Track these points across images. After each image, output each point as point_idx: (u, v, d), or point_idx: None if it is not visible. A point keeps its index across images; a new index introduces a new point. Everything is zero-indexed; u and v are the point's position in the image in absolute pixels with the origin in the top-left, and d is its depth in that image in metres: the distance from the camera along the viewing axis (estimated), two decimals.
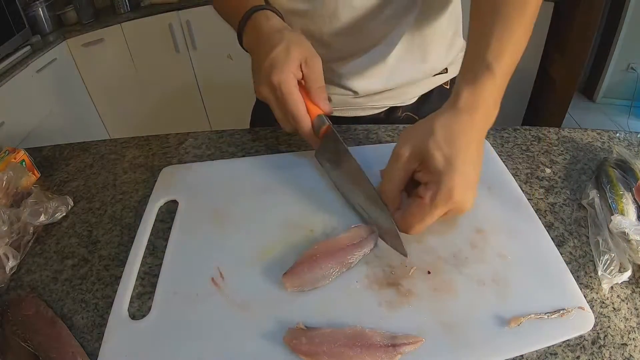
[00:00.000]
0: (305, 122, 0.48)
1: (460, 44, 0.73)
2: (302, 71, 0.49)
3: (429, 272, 0.42)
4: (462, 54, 0.69)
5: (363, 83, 0.67)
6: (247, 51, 0.54)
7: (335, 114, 0.71)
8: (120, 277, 0.45)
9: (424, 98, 0.72)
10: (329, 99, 0.51)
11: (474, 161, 0.39)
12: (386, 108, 0.73)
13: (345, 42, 0.64)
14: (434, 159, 0.38)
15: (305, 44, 0.49)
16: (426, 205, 0.38)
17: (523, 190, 0.52)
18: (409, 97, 0.72)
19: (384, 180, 0.43)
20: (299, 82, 0.49)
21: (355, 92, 0.68)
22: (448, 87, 0.74)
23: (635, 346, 0.37)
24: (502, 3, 0.42)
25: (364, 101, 0.71)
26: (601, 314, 0.40)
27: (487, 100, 0.40)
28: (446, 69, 0.71)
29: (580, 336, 0.38)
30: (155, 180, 0.57)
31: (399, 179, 0.41)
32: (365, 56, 0.65)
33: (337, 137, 0.49)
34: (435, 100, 0.73)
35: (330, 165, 0.51)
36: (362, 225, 0.46)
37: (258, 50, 0.50)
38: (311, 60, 0.49)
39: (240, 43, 0.55)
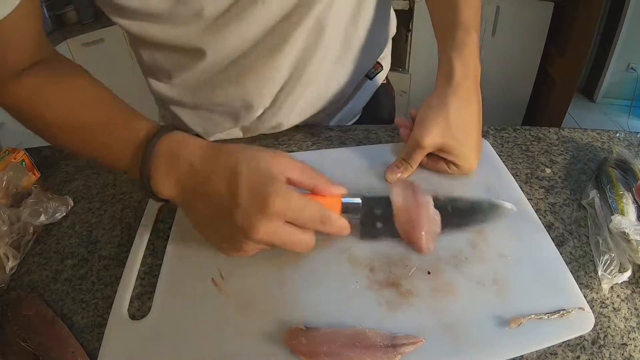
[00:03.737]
0: (341, 220, 0.38)
1: (388, 36, 0.69)
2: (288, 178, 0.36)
3: (428, 272, 0.42)
4: (388, 48, 0.70)
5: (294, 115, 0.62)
6: (164, 201, 0.39)
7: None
8: (120, 277, 0.45)
9: (371, 102, 0.70)
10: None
11: (478, 127, 0.48)
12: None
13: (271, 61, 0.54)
14: (454, 148, 0.47)
15: (259, 149, 0.36)
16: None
17: (523, 190, 0.52)
18: (355, 111, 0.70)
19: (408, 164, 0.51)
20: None
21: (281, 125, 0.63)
22: (386, 81, 0.73)
23: (635, 346, 0.37)
24: None
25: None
26: (601, 314, 0.40)
27: (474, 59, 0.46)
28: (381, 65, 0.68)
29: (580, 336, 0.38)
30: None
31: (417, 163, 0.51)
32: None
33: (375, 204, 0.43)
34: (382, 97, 0.71)
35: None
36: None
37: (204, 190, 0.34)
38: (282, 157, 0.37)
39: (151, 192, 0.38)
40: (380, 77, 0.70)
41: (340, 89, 0.62)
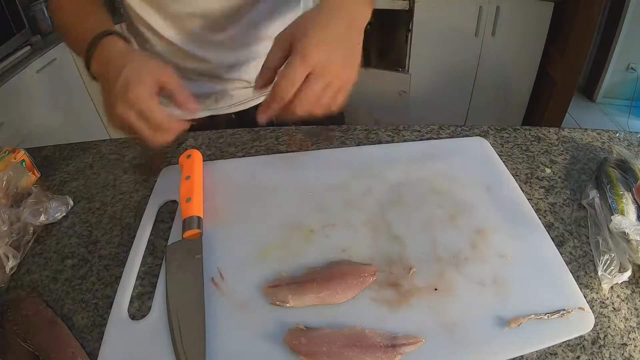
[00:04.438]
0: (171, 126, 0.46)
1: None
2: (159, 84, 0.47)
3: (429, 273, 0.42)
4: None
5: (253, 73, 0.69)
6: (95, 79, 0.51)
7: (235, 109, 0.75)
8: (120, 277, 0.45)
9: None
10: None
11: (331, 32, 0.44)
12: None
13: (230, 32, 0.66)
14: (287, 34, 0.45)
15: (153, 58, 0.49)
16: (286, 72, 0.43)
17: (523, 190, 0.52)
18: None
19: (263, 67, 0.48)
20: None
21: (247, 82, 0.72)
22: None
23: (635, 346, 0.37)
24: None
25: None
26: (601, 314, 0.40)
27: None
28: None
29: (580, 336, 0.38)
30: (155, 180, 0.57)
31: (271, 63, 0.47)
32: (248, 47, 0.68)
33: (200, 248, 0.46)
34: None
35: (176, 268, 0.45)
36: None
37: (107, 75, 0.47)
38: (164, 70, 0.48)
39: (88, 69, 0.52)
40: None
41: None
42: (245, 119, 0.75)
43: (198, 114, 0.65)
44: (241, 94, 0.74)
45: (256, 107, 0.73)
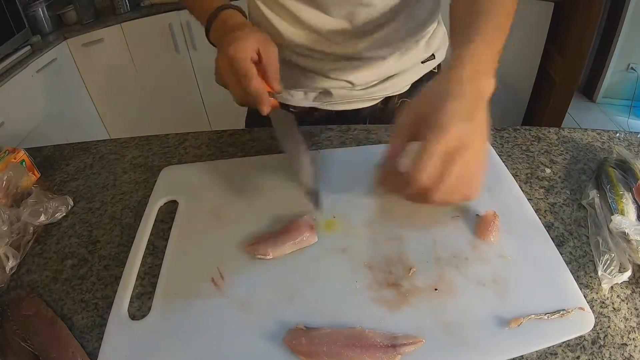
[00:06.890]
0: (258, 81, 0.49)
1: (442, 31, 0.78)
2: (258, 55, 0.51)
3: (429, 273, 0.42)
4: (446, 39, 0.78)
5: (359, 76, 0.71)
6: (214, 45, 0.58)
7: (338, 107, 0.75)
8: (120, 277, 0.45)
9: (416, 84, 0.77)
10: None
11: (464, 104, 0.40)
12: (382, 98, 0.77)
13: (345, 40, 0.66)
14: (424, 107, 0.41)
15: (264, 34, 0.53)
16: (424, 147, 0.38)
17: (523, 190, 0.52)
18: (402, 85, 0.76)
19: (391, 139, 0.44)
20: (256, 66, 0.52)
21: (351, 84, 0.72)
22: (436, 71, 0.80)
23: (635, 346, 0.37)
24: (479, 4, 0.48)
25: (362, 94, 0.74)
26: (601, 314, 0.40)
27: (471, 58, 0.43)
28: (433, 55, 0.76)
29: (580, 336, 0.38)
30: (155, 180, 0.57)
31: (402, 134, 0.43)
32: (362, 52, 0.68)
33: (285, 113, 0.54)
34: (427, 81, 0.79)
35: (280, 133, 0.53)
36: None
37: (222, 40, 0.53)
38: (268, 45, 0.52)
39: (208, 38, 0.59)
40: (431, 65, 0.78)
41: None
42: (345, 117, 0.75)
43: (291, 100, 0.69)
44: (341, 94, 0.74)
45: (356, 110, 0.76)
